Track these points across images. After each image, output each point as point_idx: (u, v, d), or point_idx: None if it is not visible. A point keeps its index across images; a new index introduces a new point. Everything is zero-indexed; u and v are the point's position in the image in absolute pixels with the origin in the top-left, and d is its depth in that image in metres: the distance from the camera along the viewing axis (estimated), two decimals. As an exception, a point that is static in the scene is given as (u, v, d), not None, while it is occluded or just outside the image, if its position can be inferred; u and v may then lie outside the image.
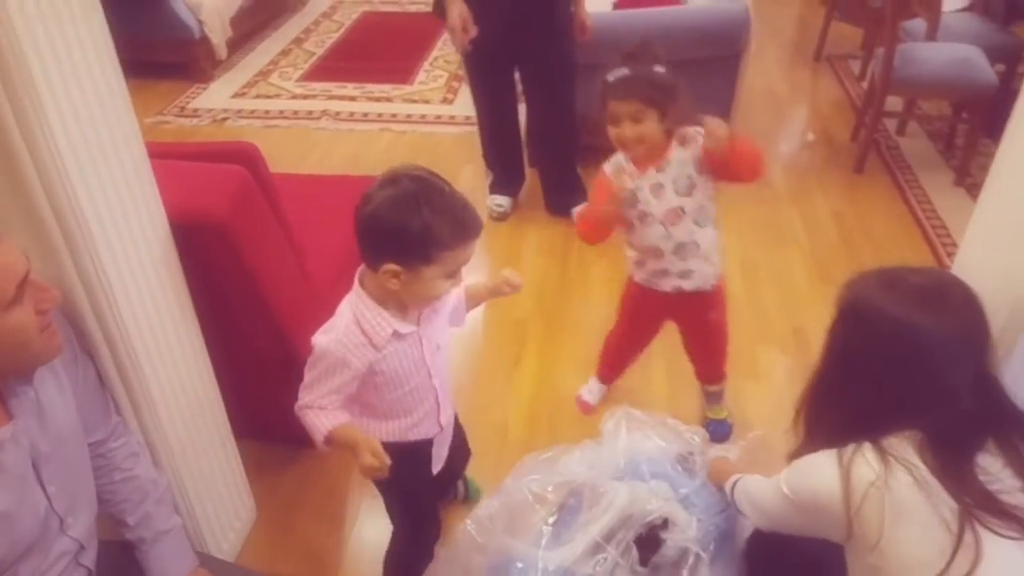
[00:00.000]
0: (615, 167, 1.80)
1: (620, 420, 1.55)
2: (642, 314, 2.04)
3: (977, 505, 0.96)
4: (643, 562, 1.33)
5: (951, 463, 0.99)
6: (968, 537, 0.94)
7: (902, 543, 0.98)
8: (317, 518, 1.95)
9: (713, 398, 2.18)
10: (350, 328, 1.28)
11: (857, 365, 1.09)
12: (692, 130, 1.73)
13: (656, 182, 1.76)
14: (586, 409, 2.24)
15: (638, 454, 1.48)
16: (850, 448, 1.03)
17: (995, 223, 1.26)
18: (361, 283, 1.30)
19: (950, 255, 2.85)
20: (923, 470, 0.98)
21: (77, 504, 1.18)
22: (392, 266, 1.21)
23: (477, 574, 1.34)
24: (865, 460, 1.01)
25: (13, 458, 1.07)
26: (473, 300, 1.56)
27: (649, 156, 1.74)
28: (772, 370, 2.39)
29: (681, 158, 1.74)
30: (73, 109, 1.17)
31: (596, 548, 1.34)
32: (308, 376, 1.34)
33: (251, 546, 1.85)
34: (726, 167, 1.71)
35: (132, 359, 1.36)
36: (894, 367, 1.04)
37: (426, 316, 1.37)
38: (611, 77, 1.69)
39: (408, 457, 1.39)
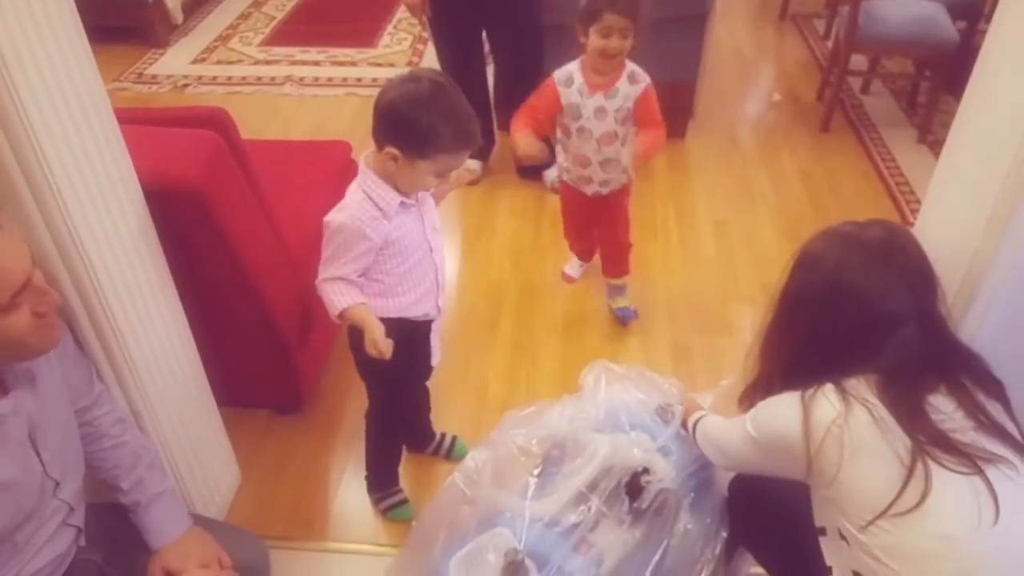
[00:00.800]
0: (566, 79, 2.02)
1: (599, 374, 1.58)
2: (575, 210, 2.35)
3: (930, 442, 1.01)
4: (629, 509, 1.37)
5: (905, 402, 1.04)
6: (919, 471, 0.99)
7: (857, 477, 1.03)
8: (301, 481, 1.97)
9: (616, 291, 2.44)
10: (363, 203, 1.43)
11: (800, 310, 1.17)
12: (641, 73, 2.00)
13: (600, 106, 2.00)
14: (569, 280, 2.52)
15: (617, 406, 1.52)
16: (812, 389, 1.08)
17: (956, 179, 1.30)
18: (367, 164, 1.45)
19: (913, 211, 2.93)
20: (880, 408, 1.03)
21: (68, 468, 1.20)
22: (393, 150, 1.37)
23: (466, 525, 1.37)
24: (826, 400, 1.06)
25: (14, 429, 1.09)
26: (437, 197, 1.68)
27: (603, 77, 1.98)
28: (743, 326, 2.44)
29: (626, 92, 1.99)
30: (40, 74, 1.15)
31: (580, 498, 1.37)
32: (325, 253, 1.47)
33: (237, 510, 1.87)
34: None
35: (113, 327, 1.36)
36: (831, 310, 1.11)
37: (420, 197, 1.53)
38: None
39: (407, 336, 1.56)
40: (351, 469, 2.00)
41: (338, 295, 1.45)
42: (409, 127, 1.35)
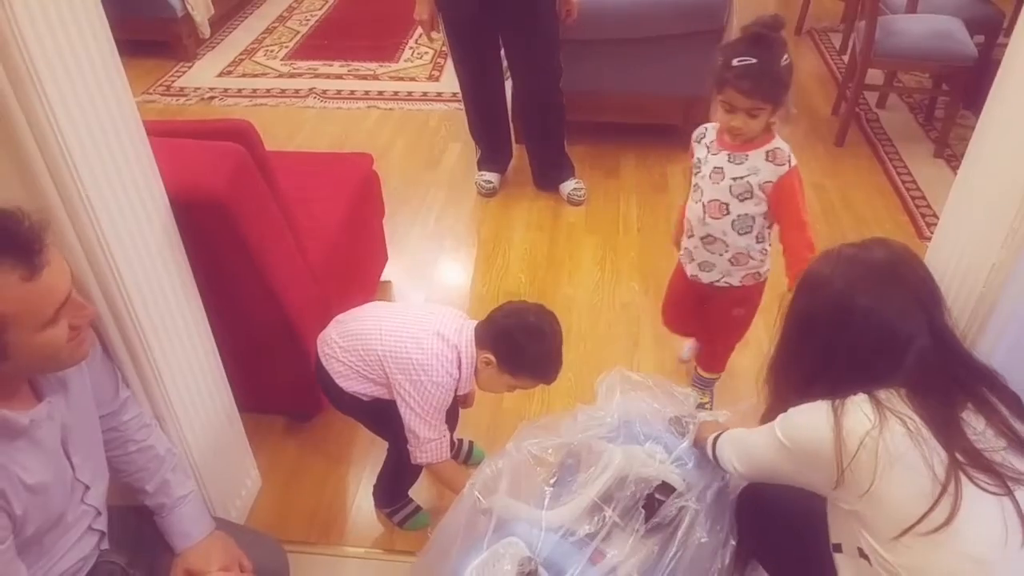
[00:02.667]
0: (700, 135, 1.84)
1: (615, 382, 1.60)
2: (676, 286, 2.10)
3: (966, 459, 1.00)
4: (647, 523, 1.38)
5: (939, 416, 1.04)
6: (951, 487, 0.98)
7: (892, 489, 1.02)
8: (320, 487, 2.00)
9: (702, 383, 2.20)
10: (453, 370, 1.59)
11: (810, 334, 1.17)
12: (785, 153, 1.70)
13: (720, 166, 1.73)
14: (684, 361, 2.35)
15: (632, 416, 1.53)
16: (839, 400, 1.08)
17: (974, 194, 1.29)
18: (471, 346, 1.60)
19: (930, 225, 2.92)
20: (916, 421, 1.03)
21: (96, 473, 1.24)
22: (490, 356, 1.58)
23: (481, 534, 1.39)
24: (860, 410, 1.05)
25: (48, 434, 1.13)
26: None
27: (734, 141, 1.72)
28: (758, 337, 2.44)
29: (758, 166, 1.69)
30: (73, 89, 1.19)
31: (594, 508, 1.38)
32: (422, 406, 1.59)
33: (257, 515, 1.91)
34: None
35: (139, 334, 1.40)
36: (845, 332, 1.11)
37: None
38: (737, 62, 1.57)
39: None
40: (368, 476, 2.03)
41: (446, 443, 1.64)
42: (518, 351, 1.56)
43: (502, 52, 2.89)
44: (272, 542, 1.52)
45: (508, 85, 3.07)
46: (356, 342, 1.61)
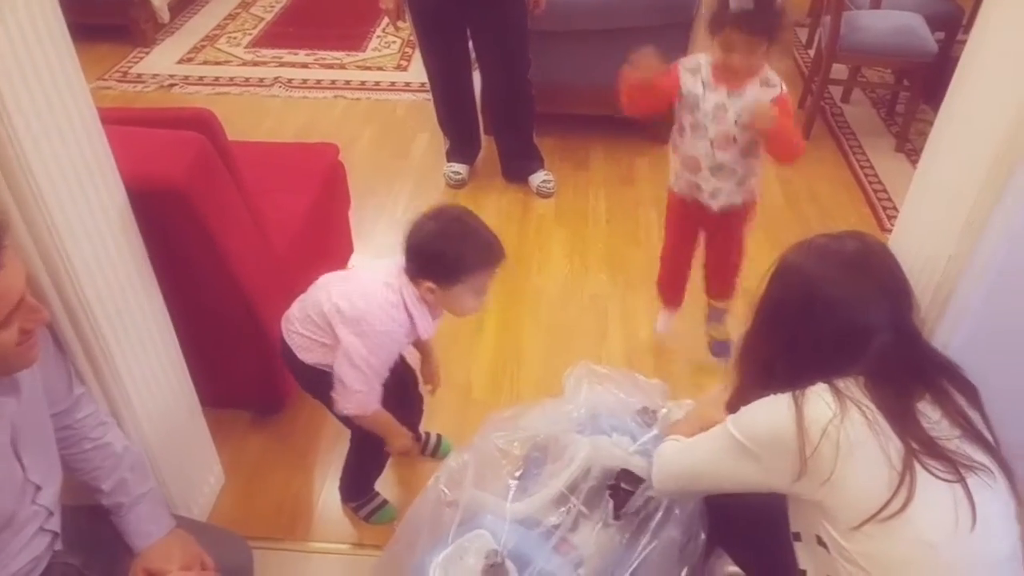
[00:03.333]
0: (693, 67, 1.85)
1: (581, 376, 1.60)
2: (681, 223, 2.14)
3: (920, 447, 1.02)
4: (615, 514, 1.39)
5: (895, 406, 1.06)
6: (907, 476, 1.00)
7: (851, 478, 1.03)
8: (285, 482, 1.98)
9: (717, 315, 2.25)
10: (400, 317, 1.52)
11: (777, 321, 1.19)
12: (776, 78, 1.83)
13: (721, 103, 1.82)
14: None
15: (599, 408, 1.53)
16: (804, 389, 1.09)
17: (933, 186, 1.32)
18: (410, 285, 1.53)
19: (891, 218, 2.98)
20: (874, 411, 1.04)
21: (48, 473, 1.20)
22: (430, 284, 1.50)
23: (447, 527, 1.38)
24: (821, 399, 1.06)
25: None
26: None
27: (733, 80, 1.80)
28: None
29: (755, 95, 1.81)
30: (22, 73, 1.15)
31: (561, 499, 1.38)
32: (358, 351, 1.51)
33: (220, 511, 1.88)
34: (764, 143, 1.86)
35: (95, 330, 1.36)
36: (808, 320, 1.13)
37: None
38: (734, 6, 1.69)
39: (399, 378, 1.69)
40: (334, 470, 2.00)
41: (374, 396, 1.57)
42: (446, 262, 1.48)
43: (470, 43, 2.87)
44: (236, 538, 1.49)
45: (477, 76, 3.05)
46: (311, 310, 1.58)
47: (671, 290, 2.31)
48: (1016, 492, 1.07)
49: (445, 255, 1.48)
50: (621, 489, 1.41)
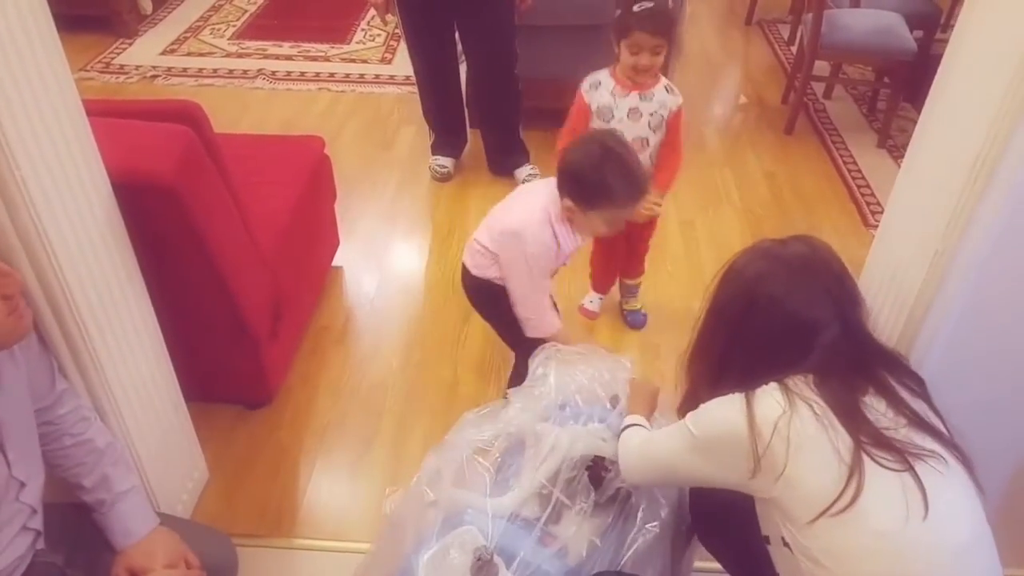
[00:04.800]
0: (593, 83, 2.03)
1: (549, 359, 1.59)
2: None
3: (868, 440, 1.05)
4: (596, 501, 1.39)
5: (842, 401, 1.08)
6: (856, 469, 1.02)
7: (802, 473, 1.05)
8: (270, 478, 1.96)
9: (631, 292, 2.44)
10: (549, 236, 1.71)
11: (722, 322, 1.22)
12: (673, 86, 2.04)
13: (635, 107, 2.00)
14: (590, 316, 2.50)
15: (570, 396, 1.53)
16: (753, 389, 1.11)
17: (917, 184, 1.33)
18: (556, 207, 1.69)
19: (873, 212, 3.01)
20: (822, 406, 1.07)
21: (32, 469, 1.18)
22: (569, 203, 1.65)
23: (432, 525, 1.38)
24: (771, 397, 1.09)
25: None
26: None
27: (639, 82, 1.98)
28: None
29: (663, 99, 2.00)
30: (6, 62, 1.13)
31: (541, 491, 1.39)
32: (523, 275, 1.74)
33: (204, 508, 1.86)
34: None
35: (78, 322, 1.34)
36: (751, 319, 1.16)
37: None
38: (639, 7, 1.86)
39: None
40: (320, 465, 2.00)
41: (553, 317, 1.79)
42: (585, 185, 1.62)
43: (457, 36, 2.86)
44: (220, 536, 1.48)
45: (463, 69, 3.04)
46: (484, 229, 1.81)
47: (600, 282, 2.49)
48: (973, 473, 1.09)
49: (586, 178, 1.61)
50: (598, 474, 1.42)
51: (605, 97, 2.00)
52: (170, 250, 1.62)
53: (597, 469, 1.41)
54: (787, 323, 1.14)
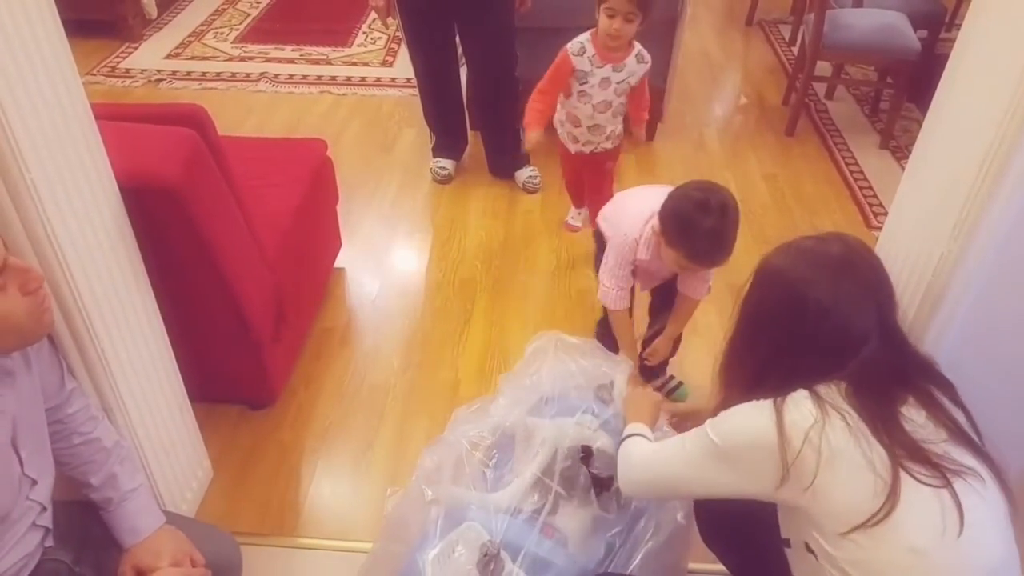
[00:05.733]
0: (579, 47, 2.27)
1: (546, 345, 1.61)
2: (567, 162, 2.68)
3: (904, 453, 1.01)
4: (596, 496, 1.41)
5: (878, 412, 1.04)
6: (891, 482, 0.99)
7: (834, 485, 1.02)
8: (273, 477, 1.98)
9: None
10: (639, 241, 1.83)
11: (765, 326, 1.17)
12: (647, 54, 2.28)
13: (607, 76, 2.29)
14: (573, 230, 2.86)
15: (560, 389, 1.55)
16: (784, 396, 1.07)
17: (923, 185, 1.32)
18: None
19: (876, 214, 3.01)
20: (855, 417, 1.03)
21: (43, 468, 1.20)
22: (657, 224, 1.73)
23: (434, 523, 1.39)
24: (801, 406, 1.05)
25: (0, 428, 1.09)
26: None
27: (614, 52, 2.24)
28: (709, 325, 2.50)
29: (633, 68, 2.29)
30: (16, 67, 1.14)
31: (538, 484, 1.40)
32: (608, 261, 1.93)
33: (208, 507, 1.88)
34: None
35: (87, 323, 1.36)
36: (798, 326, 1.11)
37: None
38: None
39: None
40: (323, 464, 2.02)
41: (617, 298, 1.92)
42: (672, 222, 1.66)
43: (457, 39, 2.87)
44: (224, 535, 1.49)
45: (463, 71, 3.05)
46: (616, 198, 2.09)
47: (577, 199, 2.85)
48: (1008, 493, 1.06)
49: (677, 224, 1.66)
50: (588, 463, 1.43)
51: (585, 63, 2.26)
52: (175, 252, 1.64)
53: (587, 458, 1.43)
54: (836, 331, 1.08)
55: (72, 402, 1.31)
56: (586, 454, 1.44)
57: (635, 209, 1.85)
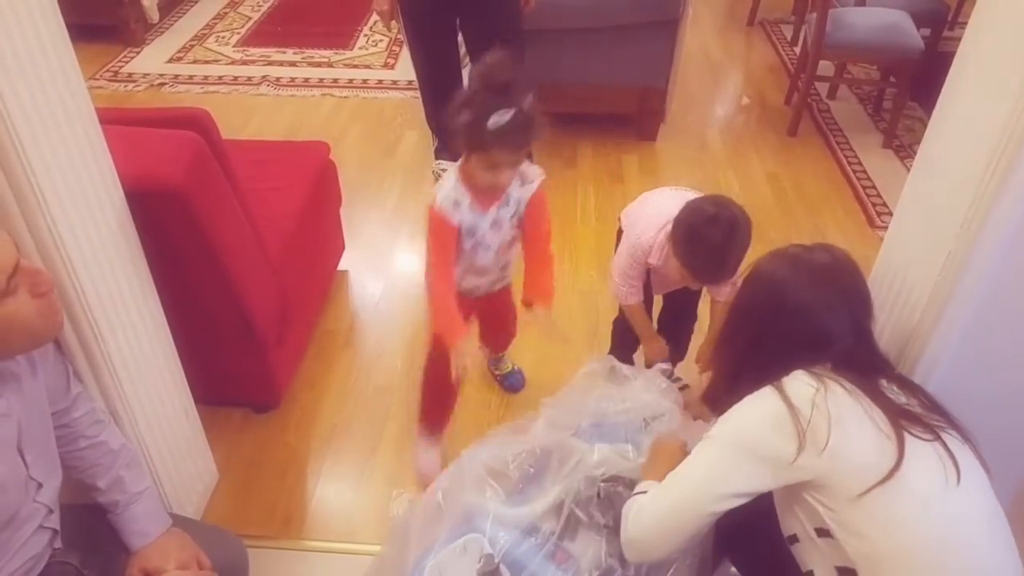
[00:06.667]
0: (451, 203, 1.65)
1: (595, 372, 1.60)
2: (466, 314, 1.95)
3: (897, 412, 1.11)
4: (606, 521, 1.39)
5: (863, 383, 1.13)
6: (896, 437, 1.07)
7: (847, 443, 1.08)
8: (278, 480, 1.98)
9: (498, 361, 2.27)
10: (651, 245, 1.80)
11: (747, 322, 1.28)
12: (532, 170, 1.73)
13: (496, 219, 1.71)
14: (428, 481, 1.74)
15: (604, 416, 1.52)
16: (777, 381, 1.15)
17: (930, 183, 1.32)
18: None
19: (880, 214, 3.01)
20: (850, 384, 1.12)
21: (49, 470, 1.20)
22: (668, 231, 1.69)
23: (442, 530, 1.38)
24: (801, 380, 1.14)
25: (5, 431, 1.10)
26: None
27: (493, 195, 1.67)
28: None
29: (518, 196, 1.72)
30: (21, 72, 1.15)
31: (559, 507, 1.38)
32: (620, 259, 1.89)
33: (214, 509, 1.88)
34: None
35: (93, 327, 1.36)
36: (777, 323, 1.22)
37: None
38: (494, 123, 1.48)
39: None
40: (327, 467, 2.02)
41: (628, 295, 1.89)
42: (680, 234, 1.64)
43: (459, 39, 2.87)
44: (231, 537, 1.50)
45: (465, 73, 3.05)
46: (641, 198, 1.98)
47: (444, 414, 2.06)
48: (978, 453, 1.13)
49: (683, 236, 1.64)
50: (615, 494, 1.41)
51: (467, 215, 1.66)
52: (180, 255, 1.64)
53: (614, 486, 1.40)
54: (809, 332, 1.19)
55: (78, 406, 1.31)
56: (611, 482, 1.41)
57: (654, 211, 1.82)
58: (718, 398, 1.30)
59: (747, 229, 1.63)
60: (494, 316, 2.08)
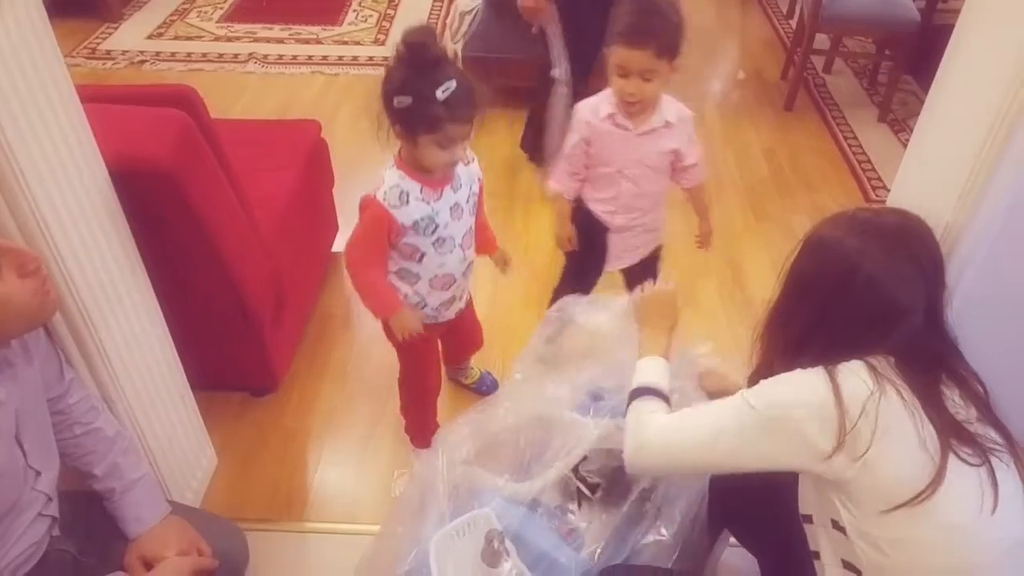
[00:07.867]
0: (396, 196, 1.52)
1: (564, 316, 1.58)
2: (430, 349, 1.85)
3: (951, 432, 1.01)
4: (618, 495, 1.38)
5: (924, 390, 1.03)
6: (942, 463, 0.99)
7: (885, 459, 1.00)
8: (278, 463, 1.96)
9: (464, 371, 2.17)
10: None
11: (810, 295, 1.13)
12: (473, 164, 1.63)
13: (455, 202, 1.56)
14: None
15: (602, 390, 1.52)
16: (836, 364, 1.05)
17: (929, 154, 1.31)
18: None
19: (875, 188, 2.99)
20: (909, 392, 1.02)
21: (46, 458, 1.19)
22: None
23: (447, 505, 1.37)
24: (857, 376, 1.04)
25: (3, 419, 1.08)
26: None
27: (443, 176, 1.54)
28: (710, 300, 2.49)
29: (468, 174, 1.60)
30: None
31: (564, 481, 1.38)
32: None
33: (213, 494, 1.86)
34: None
35: (82, 312, 1.33)
36: (845, 297, 1.07)
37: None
38: (442, 95, 1.41)
39: None
40: (327, 449, 2.00)
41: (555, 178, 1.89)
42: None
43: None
44: (230, 525, 1.48)
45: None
46: None
47: (429, 429, 1.89)
48: (1022, 466, 1.06)
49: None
50: (586, 481, 1.41)
51: (421, 208, 1.51)
52: (170, 236, 1.60)
53: (616, 460, 1.39)
54: (879, 308, 1.06)
55: (72, 392, 1.29)
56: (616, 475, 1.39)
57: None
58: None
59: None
60: (464, 334, 1.97)
